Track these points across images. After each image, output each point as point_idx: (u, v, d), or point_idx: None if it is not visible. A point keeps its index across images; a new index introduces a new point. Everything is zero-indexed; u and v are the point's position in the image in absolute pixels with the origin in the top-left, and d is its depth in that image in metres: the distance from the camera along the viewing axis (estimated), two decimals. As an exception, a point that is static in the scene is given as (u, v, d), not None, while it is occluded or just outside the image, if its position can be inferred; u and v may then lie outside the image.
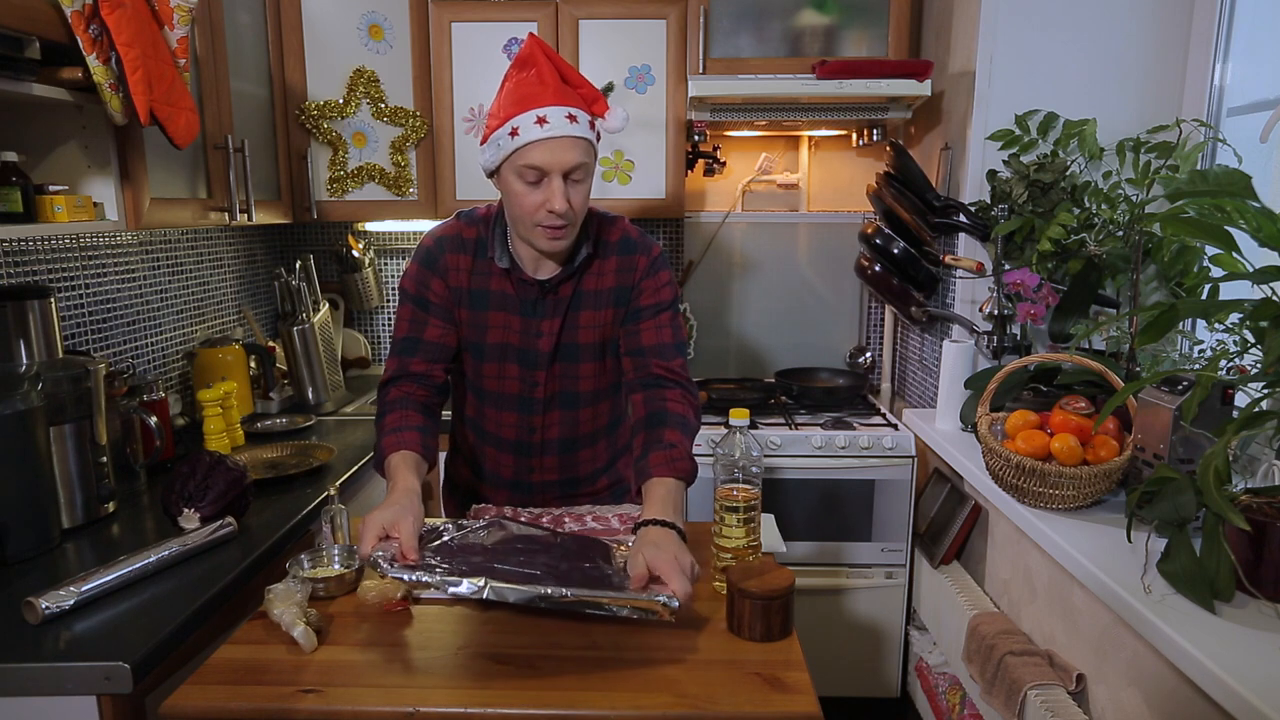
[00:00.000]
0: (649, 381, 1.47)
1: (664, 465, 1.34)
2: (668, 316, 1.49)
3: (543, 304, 1.46)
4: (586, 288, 1.47)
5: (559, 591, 1.09)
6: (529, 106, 1.29)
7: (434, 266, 1.46)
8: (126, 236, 2.04)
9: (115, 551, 1.38)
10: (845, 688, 2.44)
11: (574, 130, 1.29)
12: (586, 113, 1.33)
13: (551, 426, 1.56)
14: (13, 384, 1.37)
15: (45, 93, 1.39)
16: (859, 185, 2.80)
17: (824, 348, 2.92)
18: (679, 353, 1.49)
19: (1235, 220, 1.19)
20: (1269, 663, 1.03)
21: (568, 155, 1.29)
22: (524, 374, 1.51)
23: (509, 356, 1.50)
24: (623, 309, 1.49)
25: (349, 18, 2.42)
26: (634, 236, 1.50)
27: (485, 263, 1.45)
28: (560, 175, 1.30)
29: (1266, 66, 1.84)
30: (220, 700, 1.02)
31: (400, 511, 1.19)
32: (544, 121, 1.28)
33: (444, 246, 1.46)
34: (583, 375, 1.53)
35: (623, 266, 1.48)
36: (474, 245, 1.46)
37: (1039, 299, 1.91)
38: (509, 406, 1.55)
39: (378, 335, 2.99)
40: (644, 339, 1.48)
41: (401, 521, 1.17)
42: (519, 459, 1.59)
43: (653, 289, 1.49)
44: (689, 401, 1.46)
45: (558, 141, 1.29)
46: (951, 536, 2.03)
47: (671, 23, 2.40)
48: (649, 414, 1.43)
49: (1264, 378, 1.17)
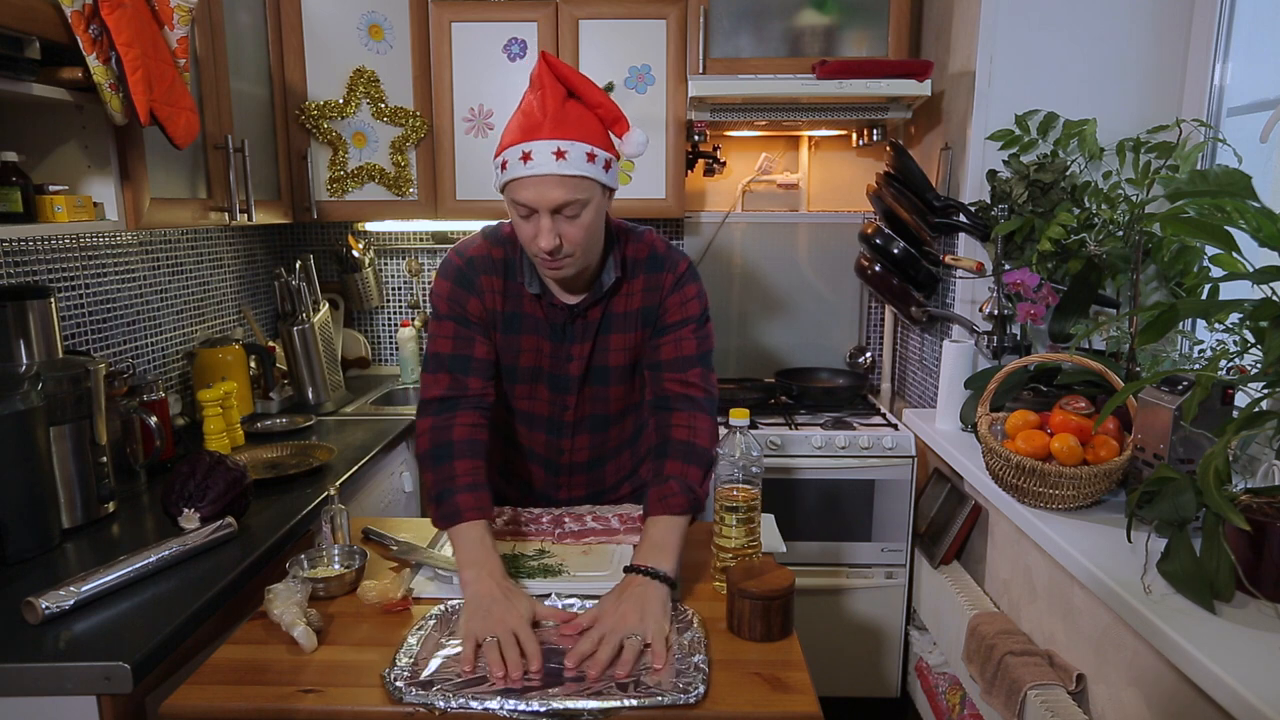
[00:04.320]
0: (661, 402, 1.43)
1: (657, 503, 1.30)
2: (690, 329, 1.44)
3: (572, 328, 1.43)
4: (615, 310, 1.44)
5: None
6: (518, 140, 1.25)
7: (471, 287, 1.41)
8: (126, 236, 2.04)
9: (115, 551, 1.38)
10: (845, 688, 2.44)
11: (560, 168, 1.22)
12: (588, 143, 1.25)
13: (581, 450, 1.55)
14: (13, 384, 1.37)
15: (45, 93, 1.39)
16: (859, 185, 2.80)
17: (824, 348, 2.92)
18: (699, 363, 1.43)
19: (1235, 220, 1.19)
20: (1269, 663, 1.03)
21: (552, 193, 1.23)
22: (554, 397, 1.50)
23: (540, 379, 1.48)
24: (650, 329, 1.45)
25: (349, 18, 2.42)
26: (660, 252, 1.45)
27: (515, 285, 1.41)
28: (547, 213, 1.25)
29: (1266, 66, 1.84)
30: (220, 700, 1.02)
31: (520, 620, 1.13)
32: (528, 158, 1.23)
33: (476, 267, 1.41)
34: (612, 398, 1.51)
35: (649, 285, 1.44)
36: (503, 266, 1.41)
37: (1039, 299, 1.91)
38: (539, 427, 1.53)
39: (378, 335, 2.99)
40: (663, 354, 1.44)
41: (527, 639, 1.10)
42: (548, 476, 1.59)
43: (678, 304, 1.44)
44: (695, 420, 1.39)
45: (541, 180, 1.23)
46: (951, 536, 2.03)
47: (671, 23, 2.40)
48: (657, 443, 1.40)
49: (1264, 378, 1.17)
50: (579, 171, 1.24)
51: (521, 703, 1.00)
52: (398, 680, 1.03)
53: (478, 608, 1.15)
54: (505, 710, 0.99)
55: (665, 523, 1.29)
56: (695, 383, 1.42)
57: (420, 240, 2.91)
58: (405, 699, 1.01)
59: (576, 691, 1.02)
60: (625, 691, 1.02)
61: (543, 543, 1.46)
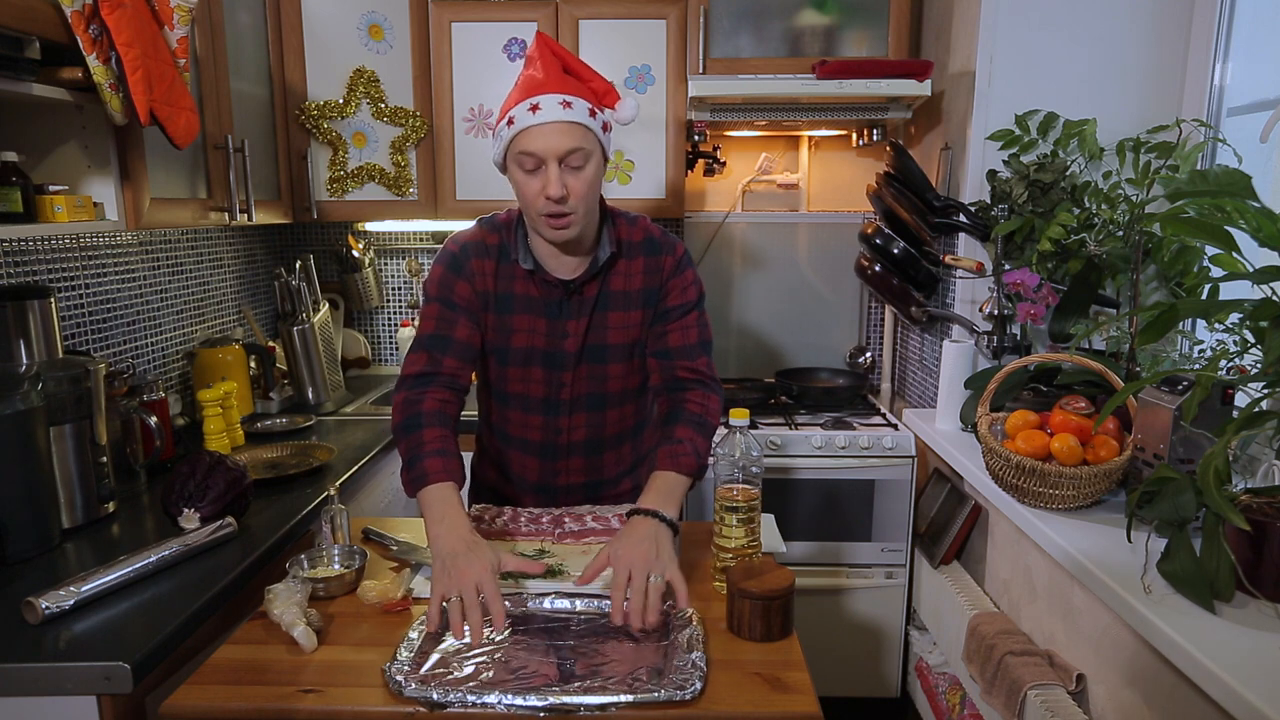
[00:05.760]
0: (673, 385, 1.49)
1: (667, 459, 1.35)
2: (694, 316, 1.50)
3: (568, 305, 1.46)
4: (614, 288, 1.48)
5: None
6: (524, 97, 1.32)
7: (460, 271, 1.46)
8: (126, 236, 2.04)
9: (115, 551, 1.38)
10: (845, 688, 2.44)
11: (567, 115, 1.30)
12: (588, 101, 1.33)
13: (578, 429, 1.56)
14: (13, 384, 1.37)
15: (45, 93, 1.39)
16: (859, 185, 2.80)
17: (824, 348, 2.92)
18: (704, 351, 1.50)
19: (1235, 220, 1.19)
20: (1268, 663, 1.03)
21: (561, 140, 1.30)
22: (549, 376, 1.51)
23: (534, 360, 1.50)
24: (651, 310, 1.50)
25: (349, 18, 2.42)
26: (657, 236, 1.50)
27: (509, 266, 1.46)
28: (555, 161, 1.31)
29: (1266, 66, 1.84)
30: (220, 700, 1.02)
31: (486, 572, 1.15)
32: (537, 109, 1.30)
33: (469, 252, 1.46)
34: (611, 376, 1.53)
35: (650, 268, 1.48)
36: (497, 250, 1.46)
37: (1039, 299, 1.91)
38: (534, 409, 1.55)
39: (378, 335, 2.99)
40: (670, 340, 1.48)
41: (492, 595, 1.13)
42: (544, 462, 1.59)
43: (679, 288, 1.49)
44: (708, 399, 1.46)
45: (550, 126, 1.30)
46: (951, 536, 2.03)
47: (671, 23, 2.40)
48: (667, 413, 1.46)
49: (1264, 378, 1.17)
50: (584, 120, 1.32)
51: (519, 698, 1.00)
52: (398, 675, 1.04)
53: (442, 564, 1.17)
54: (503, 706, 1.00)
55: (673, 478, 1.34)
56: (704, 370, 1.49)
57: (420, 240, 2.91)
58: (405, 693, 1.01)
59: (575, 688, 1.03)
60: (622, 688, 1.03)
61: (543, 543, 1.46)
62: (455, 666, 1.08)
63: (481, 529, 1.46)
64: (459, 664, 1.09)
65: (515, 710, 0.99)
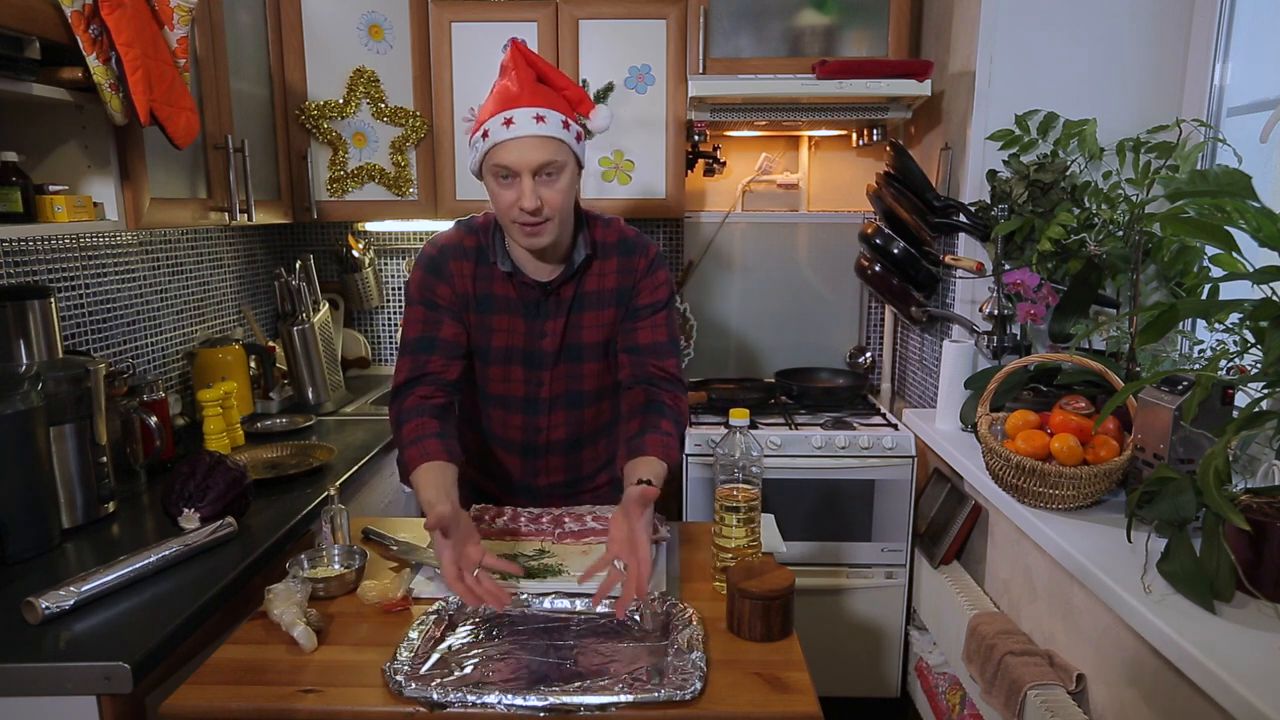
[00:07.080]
0: (645, 378, 1.51)
1: (658, 448, 1.39)
2: (663, 316, 1.53)
3: (545, 305, 1.50)
4: (589, 289, 1.51)
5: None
6: (498, 110, 1.34)
7: (440, 273, 1.49)
8: (126, 236, 2.04)
9: (115, 551, 1.38)
10: (845, 688, 2.44)
11: (540, 130, 1.33)
12: (562, 113, 1.36)
13: (557, 427, 1.59)
14: (13, 384, 1.37)
15: (45, 93, 1.39)
16: (859, 185, 2.80)
17: (824, 348, 2.92)
18: (673, 352, 1.54)
19: (1235, 220, 1.19)
20: (1269, 662, 1.03)
21: (534, 154, 1.33)
22: (529, 375, 1.55)
23: (514, 359, 1.54)
24: (623, 308, 1.53)
25: (349, 18, 2.42)
26: (631, 237, 1.54)
27: (488, 268, 1.49)
28: (529, 174, 1.33)
29: (1266, 66, 1.84)
30: (220, 700, 1.02)
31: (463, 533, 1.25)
32: (510, 123, 1.32)
33: (447, 254, 1.50)
34: (587, 374, 1.56)
35: (623, 267, 1.52)
36: (475, 252, 1.50)
37: (1039, 299, 1.91)
38: (515, 409, 1.58)
39: (378, 335, 2.99)
40: (640, 337, 1.52)
41: (473, 546, 1.25)
42: (525, 461, 1.63)
43: (650, 288, 1.53)
44: (679, 401, 1.51)
45: (523, 141, 1.32)
46: (951, 536, 2.03)
47: (671, 23, 2.40)
48: (648, 403, 1.48)
49: (1264, 378, 1.17)
50: (557, 134, 1.35)
51: (519, 698, 1.00)
52: (398, 675, 1.04)
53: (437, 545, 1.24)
54: (503, 706, 1.00)
55: (660, 465, 1.37)
56: (674, 373, 1.53)
57: (420, 240, 2.91)
58: (405, 693, 1.01)
59: (575, 688, 1.03)
60: (622, 688, 1.03)
61: (543, 543, 1.46)
62: (455, 666, 1.08)
63: (481, 529, 1.46)
64: (459, 664, 1.09)
65: (515, 710, 0.99)
